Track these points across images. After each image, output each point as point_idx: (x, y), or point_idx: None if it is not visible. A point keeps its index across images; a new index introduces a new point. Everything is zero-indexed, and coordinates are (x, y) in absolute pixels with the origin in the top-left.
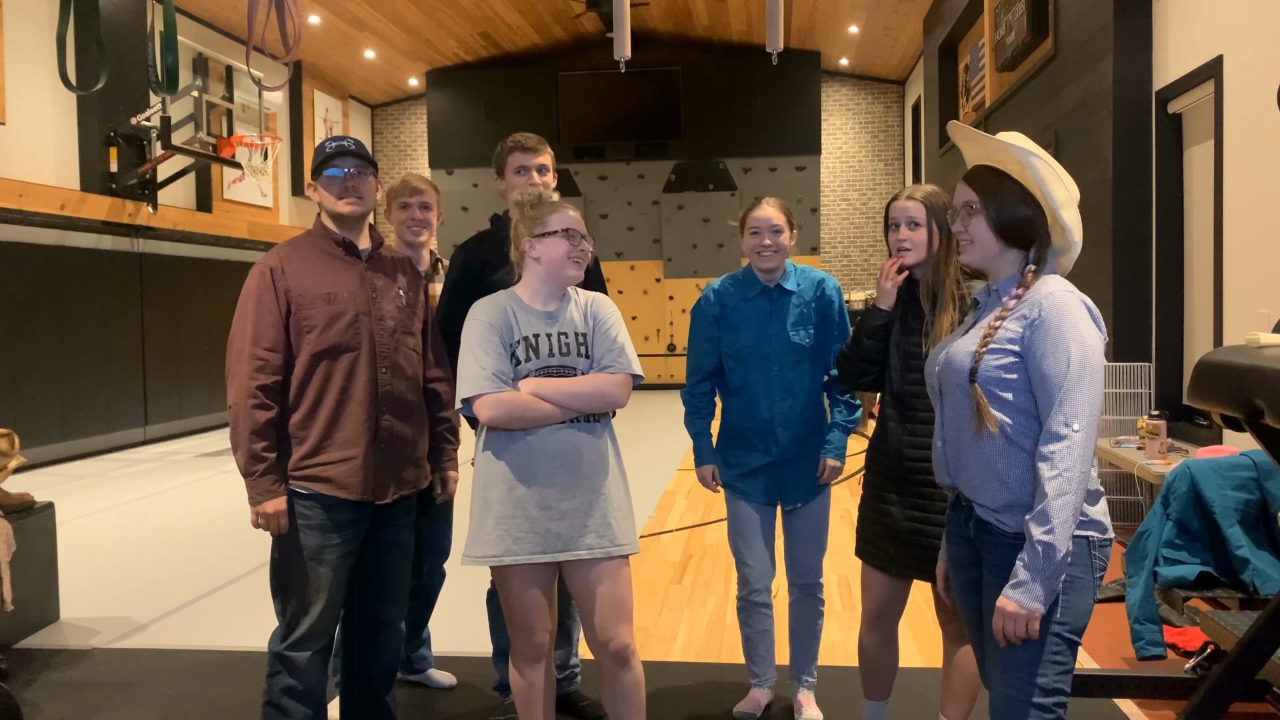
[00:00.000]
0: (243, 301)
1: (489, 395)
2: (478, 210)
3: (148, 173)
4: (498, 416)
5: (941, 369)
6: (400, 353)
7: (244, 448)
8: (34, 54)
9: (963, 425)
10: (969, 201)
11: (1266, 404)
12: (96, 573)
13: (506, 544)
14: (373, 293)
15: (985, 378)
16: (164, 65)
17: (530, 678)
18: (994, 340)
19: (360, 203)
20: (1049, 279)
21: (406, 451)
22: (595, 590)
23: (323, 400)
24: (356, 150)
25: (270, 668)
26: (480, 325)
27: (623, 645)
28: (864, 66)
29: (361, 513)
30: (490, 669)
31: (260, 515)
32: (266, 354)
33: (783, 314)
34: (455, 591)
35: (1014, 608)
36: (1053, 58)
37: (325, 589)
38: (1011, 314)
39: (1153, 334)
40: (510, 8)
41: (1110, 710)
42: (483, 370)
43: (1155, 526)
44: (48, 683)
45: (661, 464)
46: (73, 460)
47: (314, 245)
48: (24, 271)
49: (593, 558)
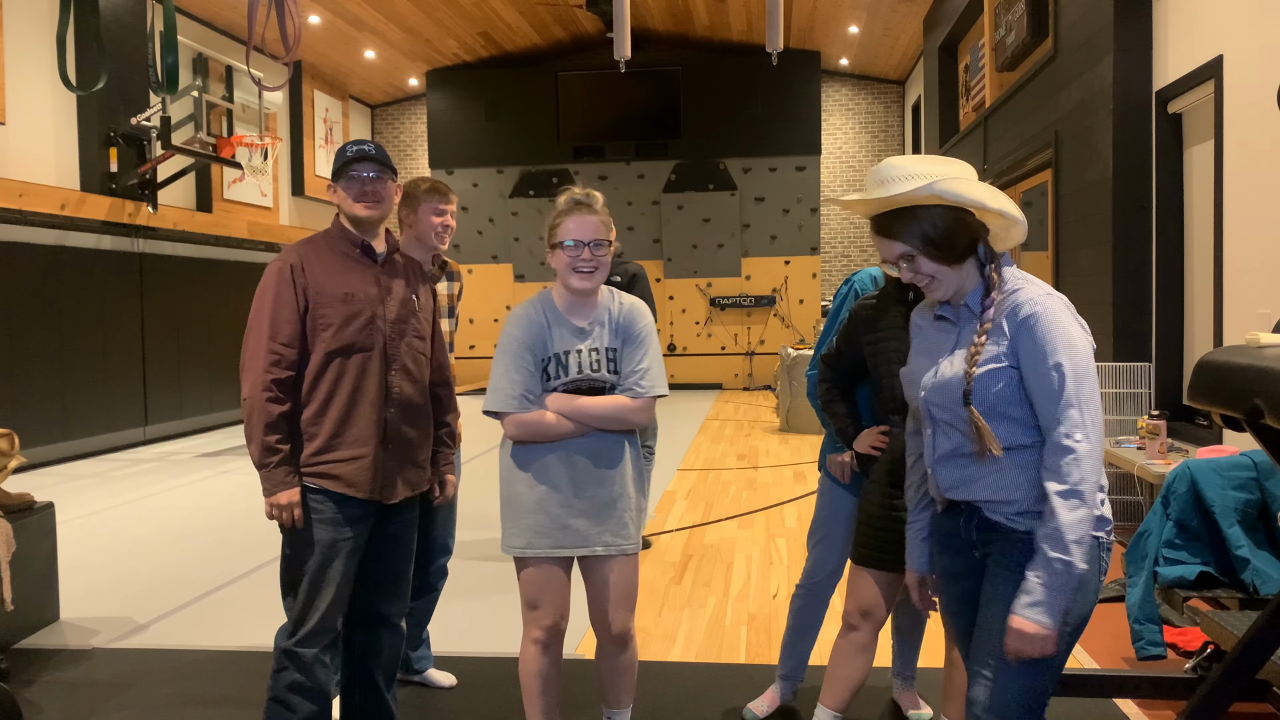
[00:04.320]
0: (261, 296)
1: (513, 416)
2: (478, 210)
3: (148, 173)
4: (522, 435)
5: (930, 393)
6: (410, 356)
7: (258, 440)
8: (34, 54)
9: (959, 447)
10: (904, 253)
11: (1266, 404)
12: (96, 573)
13: (528, 538)
14: (387, 295)
15: (981, 399)
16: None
17: (538, 664)
18: (981, 358)
19: (378, 206)
20: (1016, 278)
21: (413, 453)
22: (608, 579)
23: (334, 398)
24: (377, 155)
25: (277, 664)
26: (516, 342)
27: (625, 629)
28: (864, 66)
29: (368, 509)
30: (489, 669)
31: (275, 506)
32: (283, 349)
33: None
34: (455, 592)
35: (1033, 628)
36: (1053, 58)
37: (335, 583)
38: (992, 327)
39: (1153, 334)
40: (510, 8)
41: (1110, 710)
42: (512, 389)
43: (1155, 526)
44: (48, 683)
45: (662, 464)
46: (73, 460)
47: (332, 246)
48: (24, 271)
49: (608, 554)
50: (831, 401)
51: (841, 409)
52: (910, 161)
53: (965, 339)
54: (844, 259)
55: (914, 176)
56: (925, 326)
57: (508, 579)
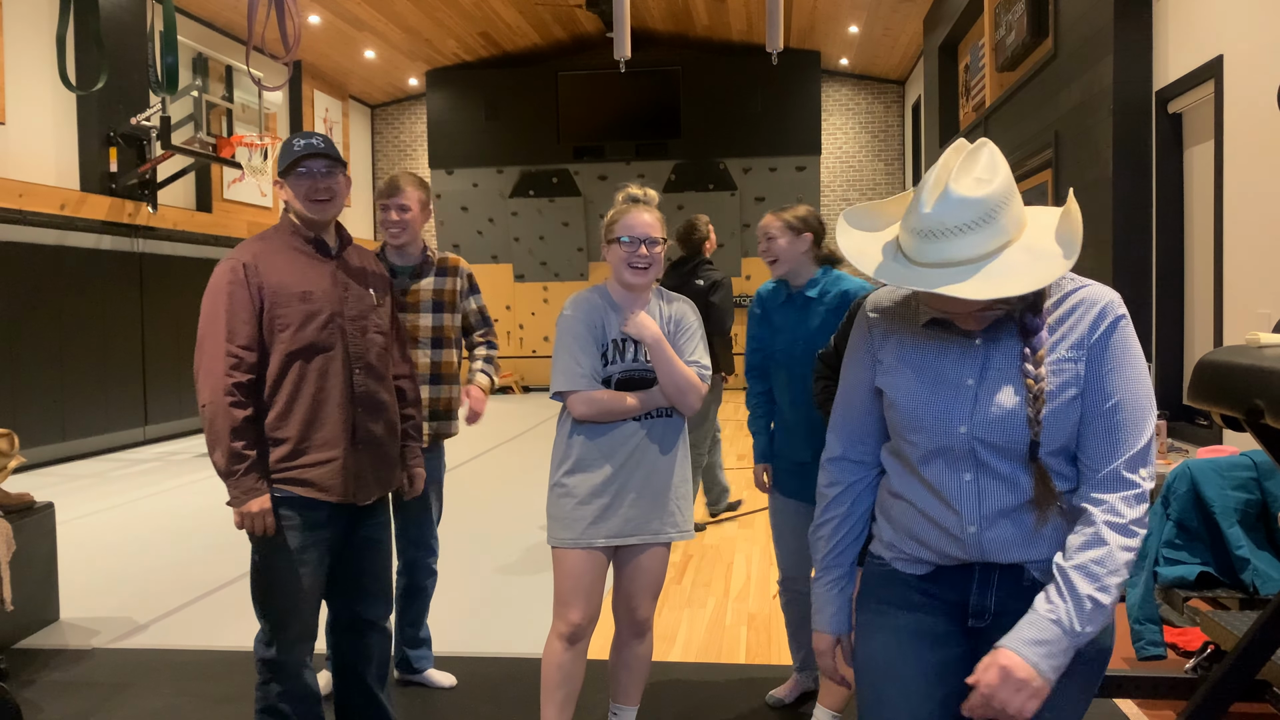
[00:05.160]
0: (212, 297)
1: (583, 393)
2: (477, 210)
3: (148, 173)
4: (590, 413)
5: (984, 432)
6: (372, 352)
7: (223, 447)
8: (34, 54)
9: (1020, 498)
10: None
11: (1266, 404)
12: (96, 573)
13: (581, 528)
14: (345, 292)
15: (1053, 439)
16: (164, 65)
17: (560, 658)
18: (1053, 387)
19: (331, 204)
20: (1077, 278)
21: (384, 451)
22: (642, 565)
23: (298, 400)
24: (325, 149)
25: (262, 675)
26: (579, 324)
27: (646, 616)
28: (864, 66)
29: (339, 510)
30: (490, 669)
31: (244, 516)
32: (241, 351)
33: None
34: (454, 591)
35: (1026, 673)
36: (1053, 58)
37: (310, 588)
38: (1049, 348)
39: (1153, 334)
40: (510, 8)
41: (1110, 710)
42: (580, 369)
43: (1155, 526)
44: (48, 683)
45: None
46: (73, 460)
47: (285, 242)
48: (24, 271)
49: (655, 541)
50: (828, 400)
51: None
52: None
53: (1007, 360)
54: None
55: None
56: (911, 343)
57: (510, 579)
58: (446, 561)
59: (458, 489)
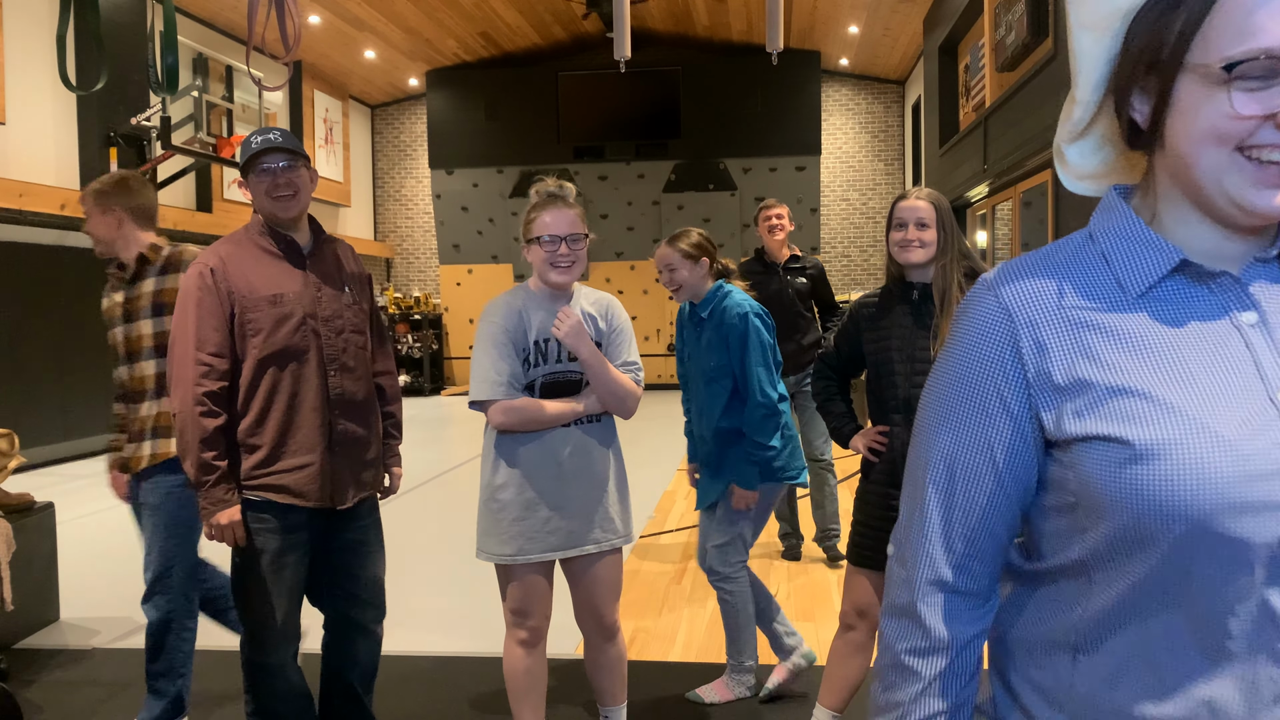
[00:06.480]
0: (181, 303)
1: (502, 402)
2: (477, 210)
3: (148, 173)
4: (510, 422)
5: None
6: (349, 352)
7: (194, 457)
8: (34, 54)
9: None
10: None
11: None
12: (96, 573)
13: (520, 544)
14: (318, 292)
15: None
16: (164, 65)
17: (525, 663)
18: None
19: (294, 199)
20: None
21: (363, 453)
22: (595, 574)
23: (272, 406)
24: (285, 143)
25: (249, 679)
26: (496, 329)
27: (612, 621)
28: (864, 66)
29: (317, 512)
30: (482, 670)
31: (214, 528)
32: (212, 359)
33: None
34: (453, 591)
35: None
36: (1053, 58)
37: (289, 589)
38: None
39: None
40: (510, 8)
41: None
42: (498, 376)
43: None
44: (48, 683)
45: (662, 464)
46: (73, 460)
47: (254, 243)
48: (24, 271)
49: (599, 551)
50: (828, 400)
51: (838, 408)
52: None
53: None
54: (844, 259)
55: None
56: (1150, 325)
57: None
58: (427, 562)
59: (441, 491)
